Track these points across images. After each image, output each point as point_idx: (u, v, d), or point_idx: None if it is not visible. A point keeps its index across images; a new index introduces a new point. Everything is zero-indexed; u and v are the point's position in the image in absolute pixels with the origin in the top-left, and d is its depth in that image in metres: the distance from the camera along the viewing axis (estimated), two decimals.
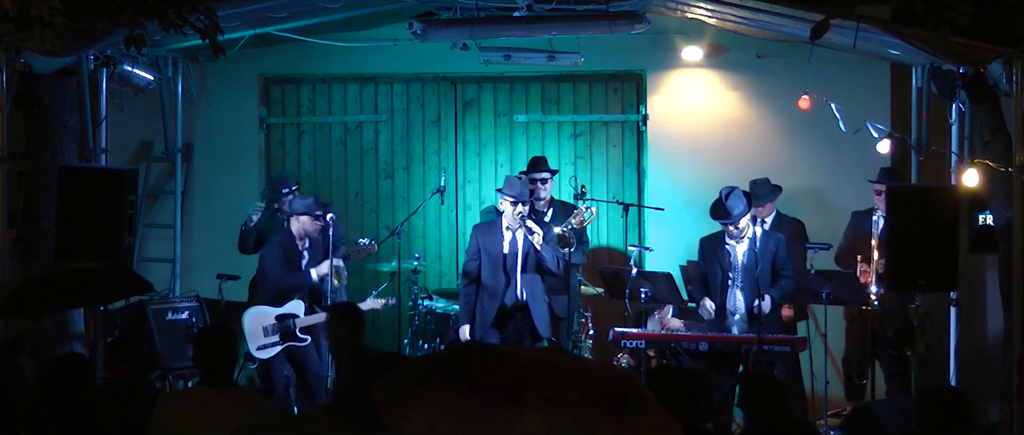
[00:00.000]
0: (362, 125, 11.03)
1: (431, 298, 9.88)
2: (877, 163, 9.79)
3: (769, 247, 8.88)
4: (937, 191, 8.58)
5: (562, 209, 9.78)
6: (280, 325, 9.06)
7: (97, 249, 8.33)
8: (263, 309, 9.09)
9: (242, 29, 9.24)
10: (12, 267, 8.63)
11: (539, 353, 3.19)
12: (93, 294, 8.16)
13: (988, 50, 7.76)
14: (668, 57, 10.62)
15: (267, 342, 9.05)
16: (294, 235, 9.15)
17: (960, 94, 8.58)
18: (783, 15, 8.47)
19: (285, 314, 9.07)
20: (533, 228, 8.94)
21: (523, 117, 10.90)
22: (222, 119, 10.86)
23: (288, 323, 9.05)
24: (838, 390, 9.84)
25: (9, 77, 8.01)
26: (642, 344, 9.00)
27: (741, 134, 10.63)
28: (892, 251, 8.44)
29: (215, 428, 4.90)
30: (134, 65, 9.53)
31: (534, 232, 8.92)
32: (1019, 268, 7.99)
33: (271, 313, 9.07)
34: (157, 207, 10.82)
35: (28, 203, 9.05)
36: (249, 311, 9.10)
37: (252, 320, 9.06)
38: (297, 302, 9.12)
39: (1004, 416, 8.53)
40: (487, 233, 9.16)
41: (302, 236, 9.15)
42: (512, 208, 8.99)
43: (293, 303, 9.11)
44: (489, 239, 9.10)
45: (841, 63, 9.91)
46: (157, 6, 7.01)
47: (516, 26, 9.17)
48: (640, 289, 9.09)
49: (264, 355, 9.08)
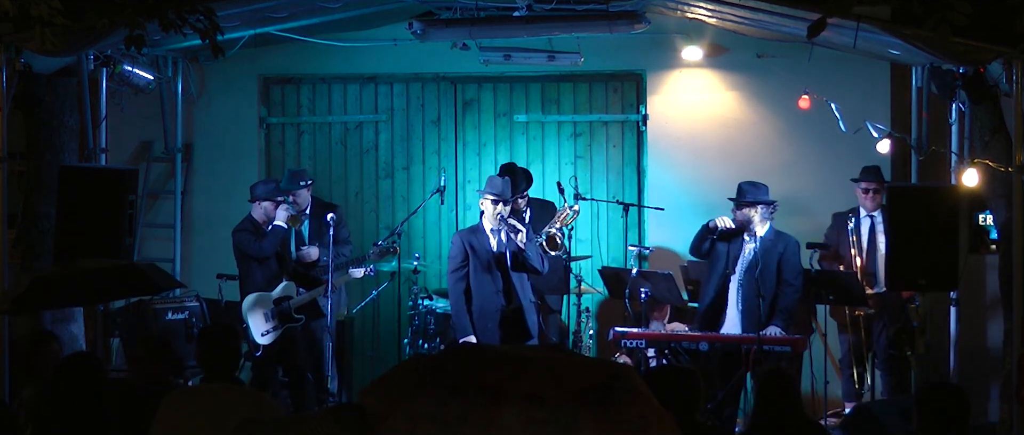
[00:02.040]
0: (362, 125, 11.03)
1: (431, 298, 9.86)
2: (877, 163, 9.78)
3: (777, 248, 8.86)
4: (937, 191, 8.58)
5: (539, 207, 9.79)
6: (277, 308, 9.27)
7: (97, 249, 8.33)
8: (259, 295, 9.26)
9: (242, 29, 9.24)
10: (12, 267, 8.62)
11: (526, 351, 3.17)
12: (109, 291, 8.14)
13: (988, 50, 7.76)
14: (668, 57, 10.61)
15: (268, 327, 9.26)
16: (257, 221, 9.38)
17: (960, 94, 8.58)
18: (783, 15, 8.47)
19: (281, 297, 9.30)
20: (517, 226, 8.89)
21: (523, 117, 10.90)
22: (222, 119, 10.86)
23: (284, 306, 9.29)
24: (838, 390, 9.83)
25: (9, 77, 8.01)
26: (642, 344, 9.00)
27: (741, 134, 10.63)
28: (892, 251, 8.44)
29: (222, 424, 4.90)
30: (134, 65, 9.54)
31: (518, 230, 8.87)
32: (1019, 268, 7.99)
33: (268, 298, 9.26)
34: (157, 207, 10.83)
35: (28, 203, 9.05)
36: (247, 299, 9.25)
37: (252, 307, 9.24)
38: (288, 284, 9.33)
39: (1004, 416, 8.53)
40: (472, 235, 9.10)
41: (264, 221, 9.36)
42: (493, 207, 8.95)
43: (284, 285, 9.33)
44: (476, 241, 9.04)
45: (841, 63, 9.91)
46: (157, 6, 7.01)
47: (516, 26, 9.18)
48: (640, 289, 9.09)
49: (266, 341, 9.25)
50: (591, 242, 10.67)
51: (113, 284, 7.61)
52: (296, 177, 9.91)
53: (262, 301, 9.27)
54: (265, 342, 9.24)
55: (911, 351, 9.11)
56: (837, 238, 9.70)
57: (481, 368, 2.92)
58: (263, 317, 9.25)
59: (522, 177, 9.81)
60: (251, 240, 9.30)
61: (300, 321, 9.34)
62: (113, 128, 9.70)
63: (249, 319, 9.20)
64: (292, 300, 9.32)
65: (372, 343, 10.17)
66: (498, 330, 8.95)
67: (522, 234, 8.85)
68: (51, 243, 8.59)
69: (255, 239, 9.30)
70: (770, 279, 8.80)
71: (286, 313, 9.30)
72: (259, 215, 9.38)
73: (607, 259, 10.63)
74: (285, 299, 9.32)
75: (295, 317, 9.32)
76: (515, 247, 8.87)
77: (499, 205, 8.92)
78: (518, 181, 9.65)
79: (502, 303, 8.98)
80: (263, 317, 9.25)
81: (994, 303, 9.48)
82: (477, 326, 8.93)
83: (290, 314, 9.30)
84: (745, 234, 8.92)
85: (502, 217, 8.92)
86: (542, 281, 9.33)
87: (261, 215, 9.37)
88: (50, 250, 8.62)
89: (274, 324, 9.26)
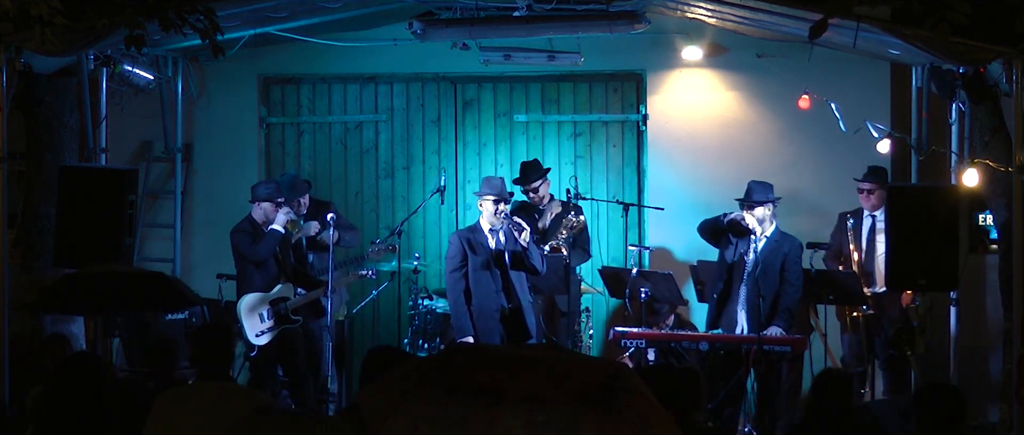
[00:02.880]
0: (362, 125, 11.03)
1: (431, 298, 9.87)
2: (877, 163, 9.78)
3: (783, 248, 8.86)
4: (937, 191, 8.59)
5: (560, 209, 9.78)
6: (273, 309, 9.24)
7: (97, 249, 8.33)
8: (256, 296, 9.24)
9: (242, 29, 9.24)
10: (12, 267, 8.62)
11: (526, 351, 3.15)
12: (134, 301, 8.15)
13: (988, 50, 7.76)
14: (668, 57, 10.61)
15: (263, 328, 9.23)
16: (256, 222, 9.37)
17: (960, 94, 8.58)
18: (783, 15, 8.47)
19: (277, 298, 9.27)
20: (522, 224, 8.89)
21: (523, 117, 10.90)
22: (222, 119, 10.86)
23: (280, 307, 9.26)
24: None
25: (9, 77, 8.01)
26: (642, 344, 8.99)
27: (741, 134, 10.62)
28: (892, 251, 8.44)
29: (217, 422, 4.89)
30: (134, 65, 9.53)
31: (523, 228, 8.86)
32: (1019, 268, 7.99)
33: (264, 299, 9.25)
34: (157, 207, 10.82)
35: (28, 203, 9.05)
36: (244, 300, 9.23)
37: (247, 308, 9.21)
38: (286, 285, 9.31)
39: (1004, 416, 8.53)
40: (470, 236, 9.10)
41: (263, 222, 9.35)
42: (494, 207, 8.95)
43: (282, 286, 9.31)
44: (474, 240, 9.04)
45: (841, 63, 9.90)
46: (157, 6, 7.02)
47: (516, 26, 9.17)
48: (640, 289, 9.09)
49: (262, 341, 9.23)
50: (591, 242, 10.66)
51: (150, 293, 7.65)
52: (298, 188, 9.87)
53: (259, 302, 9.25)
54: (260, 342, 9.22)
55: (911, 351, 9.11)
56: (839, 237, 9.71)
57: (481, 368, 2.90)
58: (259, 318, 9.22)
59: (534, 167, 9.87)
60: (248, 242, 9.27)
61: (297, 322, 9.32)
62: (113, 128, 9.70)
63: (244, 320, 9.16)
64: (289, 301, 9.30)
65: (372, 343, 10.14)
66: (497, 329, 8.95)
67: (525, 233, 8.84)
68: (51, 243, 8.59)
69: (252, 241, 9.27)
70: (772, 279, 8.80)
71: (283, 314, 9.27)
72: (259, 216, 9.36)
73: (607, 259, 10.62)
74: (282, 300, 9.29)
75: (292, 318, 9.30)
76: (518, 246, 8.87)
77: (500, 204, 8.93)
78: (530, 172, 9.71)
79: (501, 303, 8.98)
80: (259, 318, 9.22)
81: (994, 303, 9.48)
82: (477, 326, 8.92)
83: (287, 315, 9.27)
84: (751, 234, 8.91)
85: (506, 216, 8.92)
86: (541, 281, 9.33)
87: (261, 216, 9.35)
88: (50, 250, 8.62)
89: (270, 325, 9.23)
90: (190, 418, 5.18)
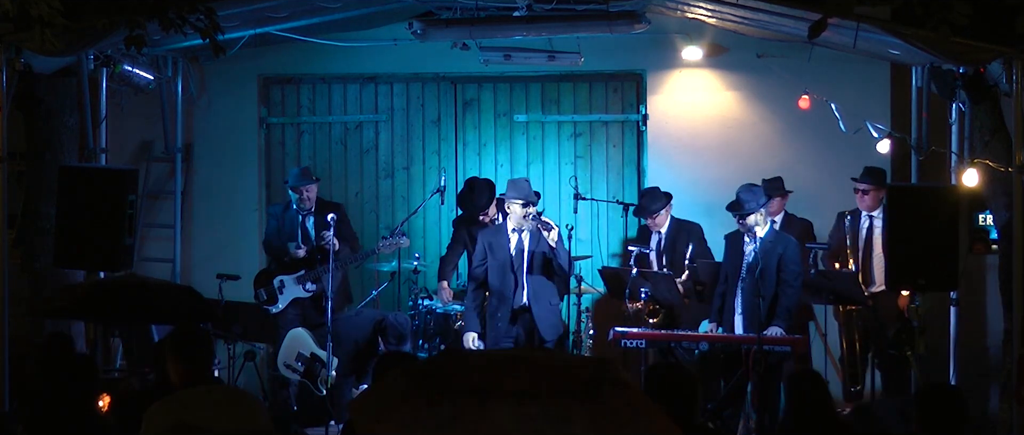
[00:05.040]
0: (362, 125, 11.03)
1: (431, 298, 9.88)
2: (877, 163, 9.78)
3: (777, 249, 8.88)
4: (937, 191, 8.58)
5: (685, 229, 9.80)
6: (308, 364, 9.51)
7: (97, 249, 8.33)
8: (304, 339, 9.56)
9: (242, 29, 9.24)
10: (12, 267, 8.62)
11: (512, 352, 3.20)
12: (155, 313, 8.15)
13: (988, 50, 7.76)
14: (668, 57, 10.61)
15: (292, 367, 9.56)
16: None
17: (960, 94, 8.58)
18: (783, 15, 8.47)
19: (318, 357, 9.45)
20: (550, 224, 8.97)
21: (523, 117, 10.90)
22: (222, 119, 10.86)
23: (316, 366, 9.47)
24: (838, 390, 9.83)
25: (9, 77, 8.00)
26: (642, 344, 9.00)
27: (741, 134, 10.63)
28: (892, 251, 8.44)
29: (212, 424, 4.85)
30: (134, 65, 9.53)
31: (551, 228, 8.94)
32: (1019, 268, 7.99)
33: (308, 347, 9.53)
34: (157, 207, 10.82)
35: (28, 203, 9.06)
36: (295, 332, 9.58)
37: (292, 341, 9.58)
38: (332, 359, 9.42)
39: (1004, 416, 8.53)
40: (493, 236, 9.20)
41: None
42: (521, 209, 9.02)
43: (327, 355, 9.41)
44: (495, 242, 9.14)
45: (841, 63, 9.91)
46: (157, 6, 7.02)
47: (516, 26, 9.17)
48: (640, 289, 9.09)
49: (283, 374, 9.58)
50: (591, 242, 10.67)
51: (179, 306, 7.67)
52: (305, 174, 9.98)
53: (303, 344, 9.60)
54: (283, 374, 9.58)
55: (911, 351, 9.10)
56: (837, 237, 9.71)
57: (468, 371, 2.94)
58: (295, 356, 9.57)
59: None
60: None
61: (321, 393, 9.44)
62: (113, 128, 9.70)
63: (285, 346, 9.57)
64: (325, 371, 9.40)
65: None
66: (513, 329, 9.05)
67: (553, 233, 8.92)
68: (51, 243, 8.59)
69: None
70: (770, 280, 8.81)
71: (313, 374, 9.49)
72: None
73: (607, 259, 10.63)
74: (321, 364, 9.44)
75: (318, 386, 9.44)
76: (546, 247, 8.97)
77: (528, 207, 9.00)
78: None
79: (519, 302, 9.10)
80: (295, 356, 9.57)
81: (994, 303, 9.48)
82: (488, 326, 9.15)
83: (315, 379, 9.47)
84: (746, 235, 8.93)
85: (534, 217, 8.99)
86: None
87: None
88: (50, 250, 8.62)
89: (298, 372, 9.55)
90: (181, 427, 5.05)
